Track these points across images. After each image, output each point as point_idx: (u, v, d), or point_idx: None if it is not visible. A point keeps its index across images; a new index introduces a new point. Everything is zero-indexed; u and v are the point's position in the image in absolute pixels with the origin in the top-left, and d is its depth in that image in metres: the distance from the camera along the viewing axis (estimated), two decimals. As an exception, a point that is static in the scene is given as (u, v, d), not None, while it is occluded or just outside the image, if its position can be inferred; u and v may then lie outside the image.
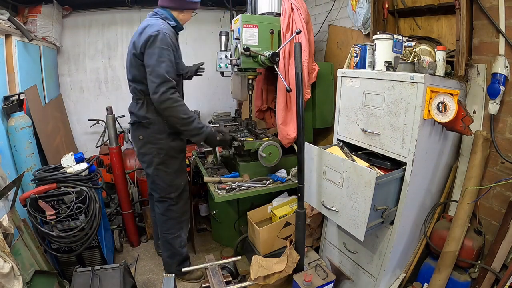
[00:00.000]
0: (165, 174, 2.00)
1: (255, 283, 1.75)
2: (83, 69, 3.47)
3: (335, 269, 2.03)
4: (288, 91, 1.97)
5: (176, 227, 2.11)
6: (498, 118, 1.65)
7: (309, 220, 2.18)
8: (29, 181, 1.97)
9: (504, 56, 1.58)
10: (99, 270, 1.72)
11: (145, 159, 1.99)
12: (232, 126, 2.70)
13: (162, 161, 1.96)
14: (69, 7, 3.17)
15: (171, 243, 2.12)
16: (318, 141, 2.75)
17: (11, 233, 1.53)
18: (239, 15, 2.19)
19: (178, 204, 2.08)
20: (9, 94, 2.11)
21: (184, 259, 2.20)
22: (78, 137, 3.54)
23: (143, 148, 1.97)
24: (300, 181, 1.68)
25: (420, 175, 1.61)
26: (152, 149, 1.95)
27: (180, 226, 2.13)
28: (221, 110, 3.75)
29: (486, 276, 1.57)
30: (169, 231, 2.10)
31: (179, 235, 2.12)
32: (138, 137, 1.96)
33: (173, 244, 2.12)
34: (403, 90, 1.50)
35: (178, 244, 2.13)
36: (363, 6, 2.22)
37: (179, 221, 2.12)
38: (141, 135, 1.95)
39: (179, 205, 2.09)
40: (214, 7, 3.68)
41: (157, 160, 1.96)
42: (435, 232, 1.79)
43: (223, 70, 2.48)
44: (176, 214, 2.09)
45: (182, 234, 2.15)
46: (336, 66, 2.50)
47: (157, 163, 1.96)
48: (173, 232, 2.10)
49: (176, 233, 2.11)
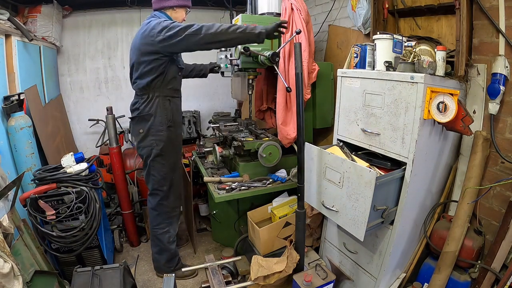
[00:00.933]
0: (161, 166, 2.06)
1: (255, 283, 1.76)
2: (83, 69, 3.47)
3: (335, 269, 2.03)
4: (288, 91, 1.97)
5: (166, 222, 2.16)
6: (498, 118, 1.65)
7: (309, 220, 2.18)
8: (29, 181, 1.98)
9: (504, 56, 1.58)
10: (99, 270, 1.71)
11: (144, 151, 2.05)
12: (232, 126, 2.70)
13: (160, 153, 2.03)
14: (69, 7, 3.17)
15: (159, 239, 2.16)
16: (318, 141, 2.75)
17: (11, 233, 1.53)
18: (239, 15, 2.20)
19: (169, 199, 2.13)
20: (9, 94, 2.11)
21: (173, 255, 2.23)
22: (78, 137, 3.54)
23: (143, 142, 2.03)
24: (300, 181, 1.68)
25: (420, 175, 1.61)
26: (152, 140, 2.01)
27: (170, 222, 2.18)
28: (221, 110, 3.75)
29: (486, 276, 1.57)
30: (159, 226, 2.15)
31: (167, 231, 2.17)
32: (138, 131, 2.02)
33: (162, 240, 2.16)
34: (403, 90, 1.50)
35: (167, 240, 2.16)
36: (363, 6, 2.22)
37: (169, 216, 2.17)
38: (142, 129, 2.00)
39: (170, 199, 2.14)
40: (214, 7, 3.68)
41: (155, 152, 2.02)
42: (435, 232, 1.79)
43: (223, 70, 2.48)
44: (166, 208, 2.15)
45: (171, 230, 2.20)
46: (336, 66, 2.50)
47: (155, 154, 2.02)
48: (163, 227, 2.15)
49: (165, 228, 2.16)
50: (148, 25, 1.83)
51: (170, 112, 2.03)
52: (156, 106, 1.97)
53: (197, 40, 1.74)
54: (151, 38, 1.80)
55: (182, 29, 1.74)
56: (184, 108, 3.76)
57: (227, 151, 2.33)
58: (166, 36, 1.75)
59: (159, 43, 1.79)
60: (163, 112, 1.99)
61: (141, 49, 1.87)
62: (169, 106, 2.02)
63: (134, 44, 1.93)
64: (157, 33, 1.77)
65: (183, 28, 1.74)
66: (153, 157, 2.03)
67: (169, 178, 2.10)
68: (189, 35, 1.73)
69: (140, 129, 2.01)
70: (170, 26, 1.76)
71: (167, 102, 2.01)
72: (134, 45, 1.93)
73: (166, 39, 1.76)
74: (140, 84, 1.95)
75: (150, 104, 1.97)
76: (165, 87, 1.98)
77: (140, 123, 2.01)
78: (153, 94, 1.96)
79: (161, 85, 1.96)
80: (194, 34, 1.73)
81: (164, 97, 1.99)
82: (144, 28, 1.85)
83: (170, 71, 1.97)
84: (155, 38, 1.78)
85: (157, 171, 2.06)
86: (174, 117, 2.06)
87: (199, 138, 3.40)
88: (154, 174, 2.08)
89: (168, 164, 2.08)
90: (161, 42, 1.78)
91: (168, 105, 2.02)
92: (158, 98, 1.97)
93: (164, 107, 1.99)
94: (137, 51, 1.89)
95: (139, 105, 1.99)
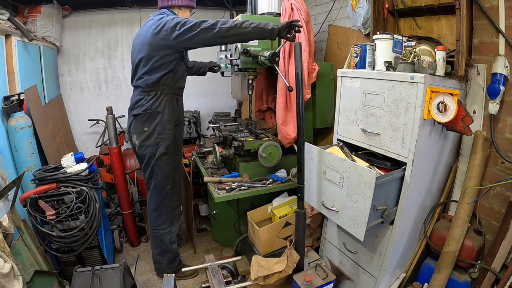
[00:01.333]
0: (166, 165, 2.03)
1: (255, 283, 1.76)
2: (83, 69, 3.47)
3: (335, 269, 2.03)
4: (289, 91, 1.97)
5: (167, 223, 2.14)
6: (498, 118, 1.65)
7: (309, 220, 2.18)
8: (29, 181, 1.98)
9: (504, 56, 1.58)
10: (99, 270, 1.71)
11: (148, 150, 1.99)
12: (232, 126, 2.70)
13: (166, 151, 1.99)
14: (69, 7, 3.17)
15: (161, 239, 2.13)
16: (318, 141, 2.75)
17: (11, 233, 1.53)
18: (239, 15, 2.20)
19: (171, 198, 2.11)
20: (9, 94, 2.11)
21: (175, 256, 2.21)
22: (78, 137, 3.54)
23: (148, 140, 1.97)
24: (300, 181, 1.68)
25: (420, 175, 1.61)
26: (158, 139, 1.96)
27: (172, 222, 2.16)
28: (221, 110, 3.75)
29: (486, 276, 1.57)
30: (160, 226, 2.13)
31: (169, 231, 2.15)
32: (143, 129, 1.96)
33: (164, 240, 2.13)
34: (403, 90, 1.50)
35: (169, 240, 2.15)
36: (363, 6, 2.22)
37: (171, 216, 2.15)
38: (147, 127, 1.95)
39: (172, 199, 2.12)
40: (214, 7, 3.68)
41: (161, 150, 1.98)
42: (435, 232, 1.79)
43: (223, 70, 2.49)
44: (168, 208, 2.12)
45: (173, 230, 2.18)
46: (336, 66, 2.50)
47: (161, 153, 1.98)
48: (164, 228, 2.13)
49: (167, 228, 2.14)
50: (161, 20, 1.81)
51: (177, 110, 2.02)
52: (165, 104, 1.95)
53: (212, 34, 1.74)
54: (165, 32, 1.78)
55: (197, 23, 1.74)
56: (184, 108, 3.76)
57: (227, 151, 2.33)
58: (182, 31, 1.75)
59: (174, 39, 1.78)
60: (171, 110, 1.97)
61: (152, 44, 1.84)
62: (176, 104, 2.02)
63: (144, 39, 1.88)
64: (171, 28, 1.76)
65: (198, 23, 1.74)
66: (158, 156, 1.98)
67: (172, 177, 2.08)
68: (205, 29, 1.73)
69: (145, 127, 1.96)
70: (184, 21, 1.76)
71: (174, 100, 2.00)
72: (144, 41, 1.88)
73: (182, 34, 1.75)
74: (149, 80, 1.91)
75: (158, 101, 1.94)
76: (174, 84, 1.97)
77: (146, 120, 1.96)
78: (162, 91, 1.93)
79: (170, 82, 1.94)
80: (209, 28, 1.73)
81: (172, 95, 1.98)
82: (156, 24, 1.82)
83: (179, 69, 1.97)
84: (170, 33, 1.77)
85: (161, 170, 2.03)
86: (180, 115, 2.06)
87: (199, 138, 3.40)
88: (157, 174, 2.03)
89: (172, 163, 2.05)
90: (176, 37, 1.77)
91: (175, 103, 2.01)
92: (167, 95, 1.95)
93: (172, 105, 1.98)
94: (148, 46, 1.85)
95: (145, 102, 1.94)
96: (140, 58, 1.90)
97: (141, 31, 1.95)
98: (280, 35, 1.77)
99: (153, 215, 2.13)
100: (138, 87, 1.97)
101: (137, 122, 1.99)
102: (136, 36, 1.99)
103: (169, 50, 1.85)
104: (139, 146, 2.02)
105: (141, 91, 1.96)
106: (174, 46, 1.83)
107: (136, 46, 1.96)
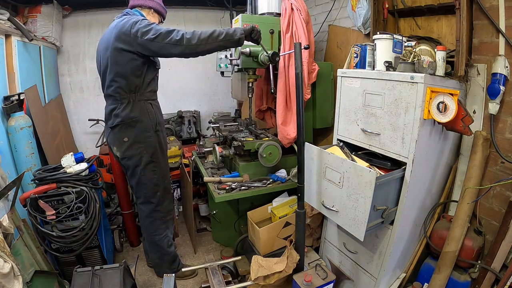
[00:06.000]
0: (153, 174, 1.96)
1: (255, 283, 1.75)
2: (83, 69, 3.47)
3: (335, 269, 2.03)
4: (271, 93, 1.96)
5: (162, 227, 2.10)
6: (498, 118, 1.65)
7: (309, 220, 2.18)
8: (29, 181, 1.98)
9: (504, 56, 1.58)
10: (99, 270, 1.71)
11: (132, 161, 1.92)
12: (232, 126, 2.70)
13: (151, 159, 1.93)
14: (69, 7, 3.17)
15: (159, 245, 2.10)
16: (318, 141, 2.75)
17: (11, 233, 1.53)
18: (239, 15, 2.20)
19: (163, 204, 2.07)
20: (9, 94, 2.11)
21: (174, 258, 2.20)
22: (78, 137, 3.54)
23: (130, 150, 1.89)
24: (300, 181, 1.68)
25: (420, 175, 1.61)
26: (141, 148, 1.89)
27: (166, 226, 2.13)
28: (221, 110, 3.76)
29: (486, 276, 1.57)
30: (156, 232, 2.09)
31: (166, 235, 2.12)
32: (122, 140, 1.87)
33: (161, 245, 2.11)
34: (403, 90, 1.50)
35: (166, 244, 2.13)
36: (363, 6, 2.23)
37: (165, 220, 2.11)
38: (127, 137, 1.87)
39: (164, 204, 2.08)
40: (214, 7, 3.68)
41: (146, 159, 1.91)
42: (435, 232, 1.79)
43: (223, 70, 2.48)
44: (161, 214, 2.08)
45: (169, 234, 2.16)
46: (336, 66, 2.51)
47: (146, 162, 1.92)
48: (160, 233, 2.09)
49: (163, 233, 2.10)
50: (124, 23, 1.72)
51: (154, 115, 1.92)
52: (141, 111, 1.86)
53: (177, 51, 1.69)
54: (128, 37, 1.70)
55: (162, 36, 1.66)
56: (184, 108, 3.79)
57: (227, 151, 2.33)
58: (145, 40, 1.67)
59: (138, 45, 1.70)
60: (148, 116, 1.88)
61: (117, 48, 1.74)
62: (152, 109, 1.91)
63: (107, 45, 1.78)
64: (135, 33, 1.68)
65: (164, 35, 1.66)
66: (143, 165, 1.91)
67: (161, 184, 2.01)
68: (170, 44, 1.67)
69: (124, 138, 1.86)
70: (150, 28, 1.67)
71: (149, 105, 1.90)
72: (107, 46, 1.78)
73: (146, 43, 1.68)
74: (117, 87, 1.81)
75: (133, 110, 1.84)
76: (144, 90, 1.86)
77: (125, 130, 1.86)
78: (134, 98, 1.83)
79: (141, 87, 1.84)
80: (174, 44, 1.67)
81: (146, 101, 1.88)
82: (119, 27, 1.73)
83: (148, 72, 1.86)
84: (134, 38, 1.69)
85: (149, 179, 1.96)
86: (159, 120, 1.96)
87: (199, 138, 3.41)
88: (145, 183, 1.96)
89: (159, 170, 1.98)
90: (140, 44, 1.70)
91: (151, 108, 1.91)
92: (140, 102, 1.85)
93: (148, 110, 1.88)
94: (113, 51, 1.75)
95: (119, 112, 1.83)
96: (106, 64, 1.80)
97: (104, 36, 1.85)
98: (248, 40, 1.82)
99: (147, 222, 2.08)
100: (110, 96, 1.87)
101: (115, 134, 1.89)
102: (100, 41, 1.89)
103: (134, 54, 1.75)
104: (122, 158, 1.94)
105: (114, 100, 1.86)
106: (139, 51, 1.73)
107: (101, 51, 1.85)
